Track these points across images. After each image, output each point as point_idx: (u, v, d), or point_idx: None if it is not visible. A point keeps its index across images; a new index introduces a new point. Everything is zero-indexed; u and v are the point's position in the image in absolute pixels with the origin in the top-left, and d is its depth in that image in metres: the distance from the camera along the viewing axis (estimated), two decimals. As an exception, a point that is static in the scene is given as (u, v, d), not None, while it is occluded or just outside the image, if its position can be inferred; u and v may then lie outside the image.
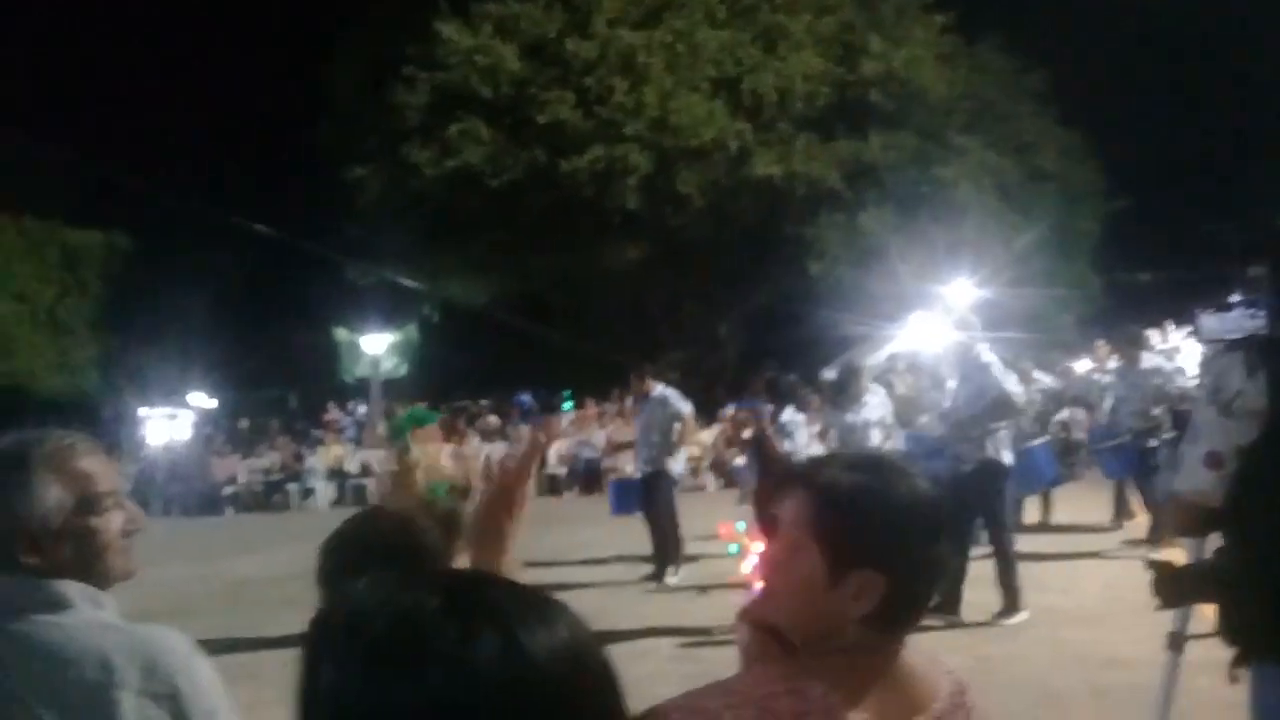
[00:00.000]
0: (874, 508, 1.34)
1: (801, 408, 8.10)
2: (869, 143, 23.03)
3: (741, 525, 8.57)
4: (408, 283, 23.94)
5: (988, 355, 7.15)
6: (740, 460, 10.82)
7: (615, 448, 18.25)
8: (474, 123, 22.75)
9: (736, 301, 25.57)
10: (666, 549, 9.22)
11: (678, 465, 9.66)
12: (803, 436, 7.87)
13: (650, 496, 9.45)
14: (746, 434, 8.49)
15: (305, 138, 25.53)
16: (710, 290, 25.03)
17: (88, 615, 1.62)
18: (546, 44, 23.17)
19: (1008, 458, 7.17)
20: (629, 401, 13.01)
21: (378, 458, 20.58)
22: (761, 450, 8.13)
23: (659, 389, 9.63)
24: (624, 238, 23.90)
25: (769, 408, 8.99)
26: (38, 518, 1.61)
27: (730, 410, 18.50)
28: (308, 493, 19.83)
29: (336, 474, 20.13)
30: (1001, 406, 6.93)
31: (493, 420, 22.20)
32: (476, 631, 0.75)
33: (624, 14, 23.22)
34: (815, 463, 1.49)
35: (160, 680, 1.57)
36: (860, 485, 1.37)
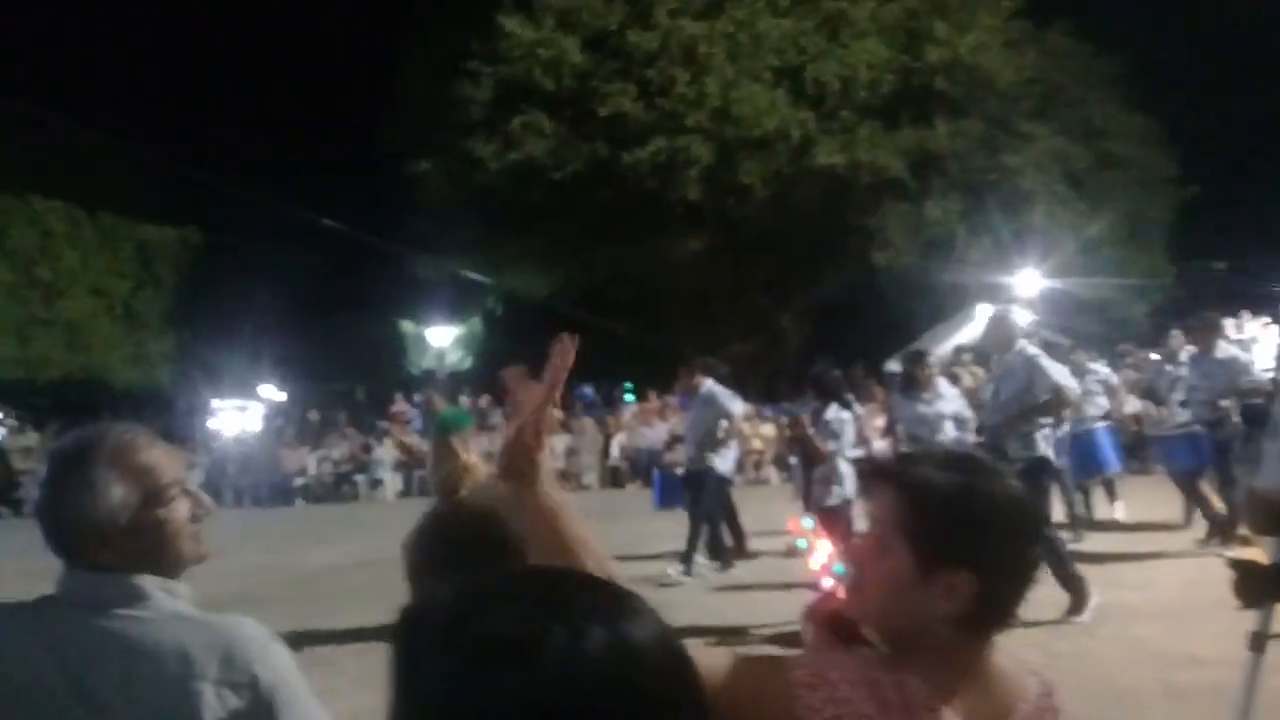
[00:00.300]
0: (965, 508, 1.33)
1: (846, 405, 7.94)
2: (934, 130, 22.71)
3: (809, 522, 8.50)
4: (472, 276, 24.16)
5: (1033, 348, 6.98)
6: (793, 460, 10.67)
7: (677, 440, 18.24)
8: (536, 116, 22.86)
9: (799, 293, 25.40)
10: (694, 546, 9.11)
11: (725, 463, 9.45)
12: (849, 433, 7.72)
13: (694, 494, 9.33)
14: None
15: (372, 134, 25.86)
16: (772, 282, 24.88)
17: (165, 607, 1.64)
18: (608, 36, 23.19)
19: (1052, 454, 7.09)
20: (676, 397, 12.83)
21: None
22: (805, 452, 8.07)
23: (707, 385, 9.48)
24: (686, 229, 23.86)
25: (813, 405, 8.93)
26: (105, 516, 1.62)
27: (769, 412, 18.43)
28: (375, 484, 20.10)
29: (403, 465, 20.38)
30: (1056, 402, 6.78)
31: (556, 413, 22.30)
32: (582, 627, 0.76)
33: (685, 4, 23.15)
34: (906, 460, 1.49)
35: (239, 670, 1.58)
36: (953, 484, 1.35)
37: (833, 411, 7.72)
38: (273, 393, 28.60)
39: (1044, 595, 6.69)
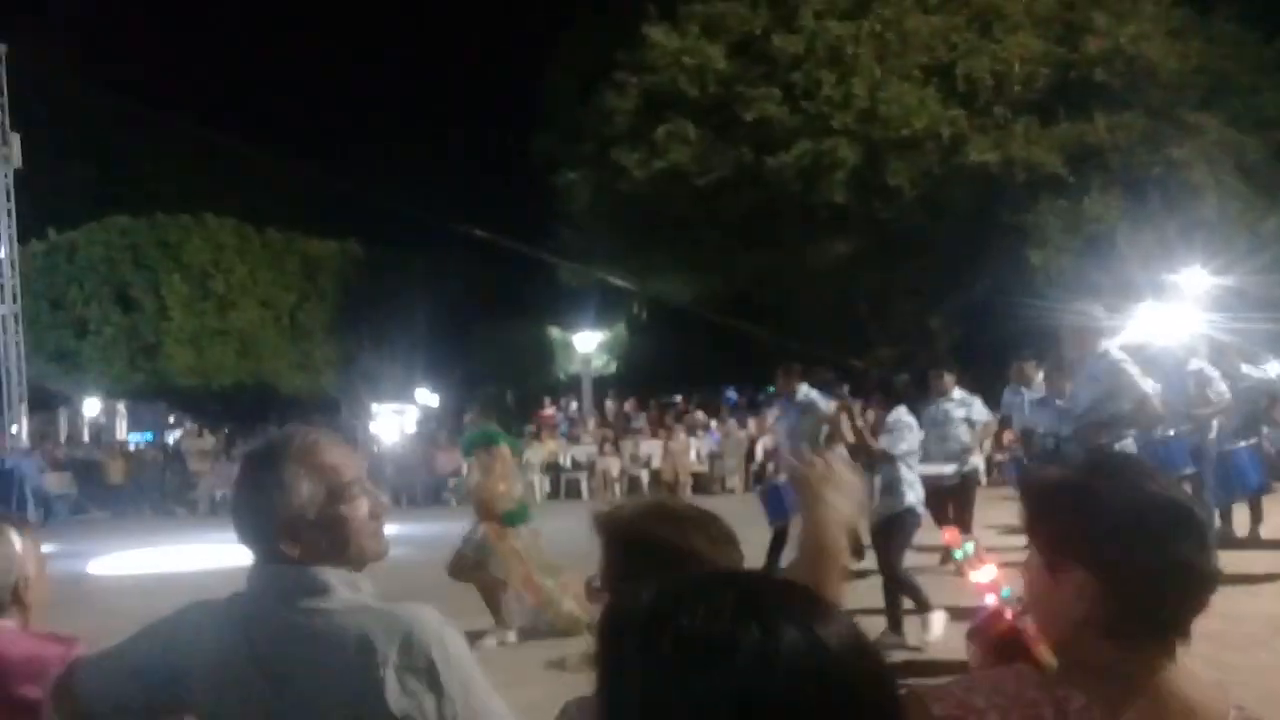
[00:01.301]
0: (1081, 505, 1.30)
1: (913, 410, 7.71)
2: (1094, 124, 21.83)
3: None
4: (617, 282, 24.47)
5: (1118, 352, 6.57)
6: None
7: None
8: (681, 123, 23.01)
9: (949, 294, 24.78)
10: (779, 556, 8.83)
11: None
12: (909, 439, 7.37)
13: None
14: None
15: (522, 146, 26.51)
16: (921, 284, 24.37)
17: (346, 598, 1.74)
18: (753, 41, 23.16)
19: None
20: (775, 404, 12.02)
21: (588, 453, 21.16)
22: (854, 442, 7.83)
23: (803, 390, 9.19)
24: (831, 233, 23.59)
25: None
26: (294, 511, 1.74)
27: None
28: (525, 486, 20.51)
29: (551, 468, 20.78)
30: (1143, 413, 6.38)
31: (699, 415, 22.39)
32: (776, 627, 0.77)
33: (831, 6, 22.93)
34: (1039, 468, 1.50)
35: (418, 654, 1.66)
36: (1069, 482, 1.34)
37: (896, 414, 7.44)
38: (427, 397, 29.56)
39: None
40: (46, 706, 1.92)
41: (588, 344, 27.49)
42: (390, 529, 1.88)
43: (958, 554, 7.67)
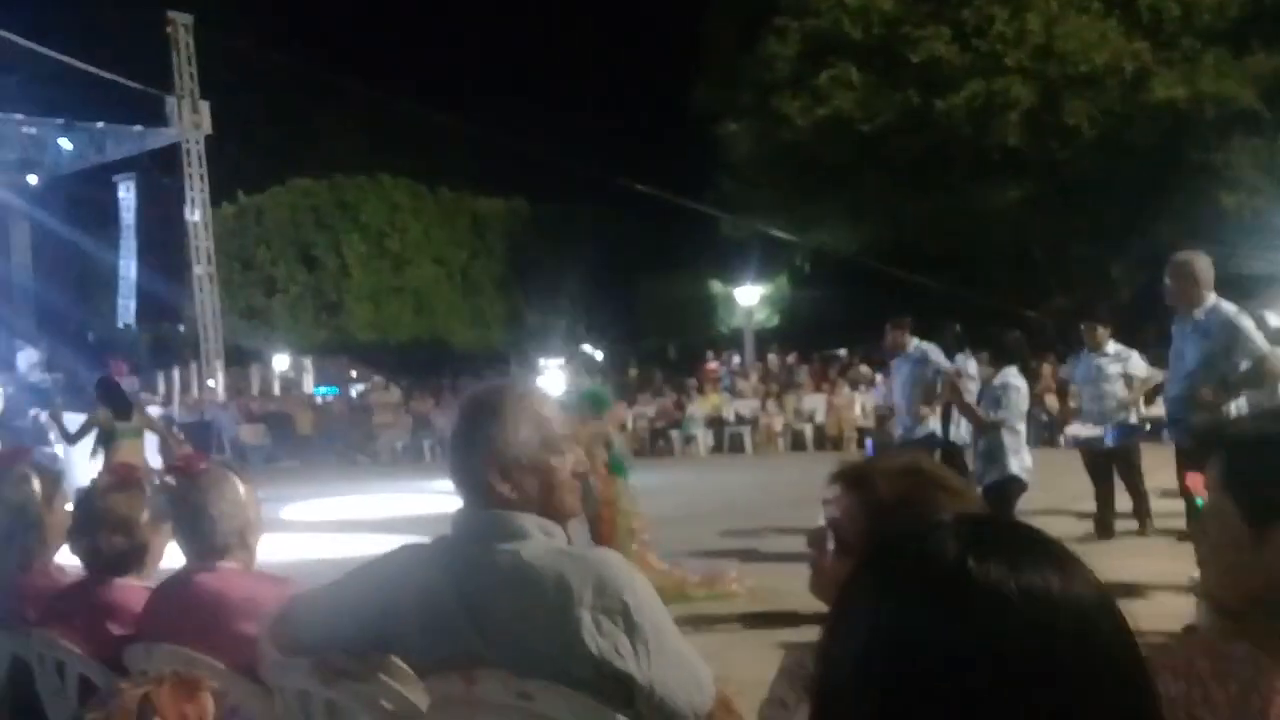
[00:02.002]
0: None
1: (1025, 370, 7.11)
2: (1293, 54, 20.31)
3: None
4: (779, 234, 24.23)
5: (1229, 305, 5.72)
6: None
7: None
8: (845, 68, 22.49)
9: (1132, 240, 23.55)
10: None
11: (959, 430, 8.25)
12: (1018, 402, 6.78)
13: None
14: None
15: (682, 98, 26.41)
16: (1101, 229, 23.24)
17: (543, 542, 1.84)
18: (920, -22, 22.40)
19: None
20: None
21: (751, 407, 21.15)
22: (962, 413, 7.30)
23: (914, 343, 8.61)
24: (1004, 177, 22.71)
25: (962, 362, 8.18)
26: (511, 451, 1.86)
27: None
28: (689, 440, 20.71)
29: (715, 422, 20.87)
30: (1258, 373, 5.56)
31: (864, 370, 22.04)
32: (1021, 570, 0.76)
33: (1003, -62, 21.93)
34: (1233, 420, 1.45)
35: (611, 596, 1.75)
36: (1269, 434, 1.30)
37: (1003, 377, 6.79)
38: (591, 351, 30.07)
39: None
40: (263, 640, 2.07)
41: (750, 297, 27.37)
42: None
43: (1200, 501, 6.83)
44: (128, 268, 27.35)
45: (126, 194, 27.04)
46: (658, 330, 31.65)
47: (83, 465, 9.13)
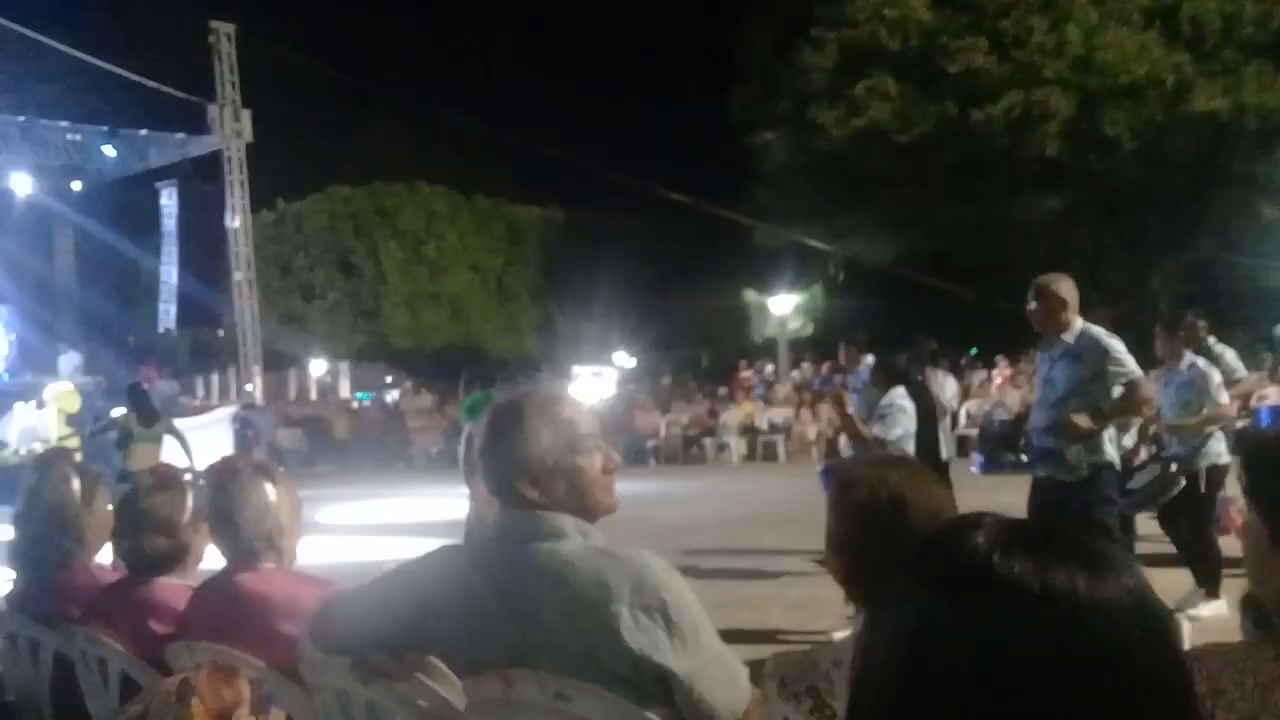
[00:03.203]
0: None
1: (913, 390, 6.88)
2: (1336, 66, 20.05)
3: None
4: (814, 243, 24.16)
5: (1098, 328, 5.37)
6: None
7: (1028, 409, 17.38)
8: (881, 78, 22.42)
9: (1171, 251, 23.31)
10: None
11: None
12: (903, 423, 6.53)
13: None
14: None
15: (718, 107, 26.44)
16: (1140, 240, 23.01)
17: (581, 543, 1.87)
18: (957, -11, 22.30)
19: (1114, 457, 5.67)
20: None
21: (784, 415, 21.09)
22: (843, 430, 7.17)
23: (867, 361, 8.37)
24: (1042, 187, 22.54)
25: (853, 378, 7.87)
26: (535, 456, 1.90)
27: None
28: (721, 447, 20.67)
29: (748, 430, 20.82)
30: (1133, 398, 5.28)
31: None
32: (1048, 567, 0.75)
33: (1042, -53, 21.80)
34: (1258, 432, 1.45)
35: (649, 594, 1.78)
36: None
37: (891, 398, 6.55)
38: (625, 359, 30.08)
39: None
40: (304, 639, 2.09)
41: (784, 306, 27.28)
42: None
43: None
44: (169, 273, 27.72)
45: (168, 200, 27.43)
46: (691, 339, 31.62)
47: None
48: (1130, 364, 5.15)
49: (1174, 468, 6.36)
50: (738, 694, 1.81)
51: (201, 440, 15.72)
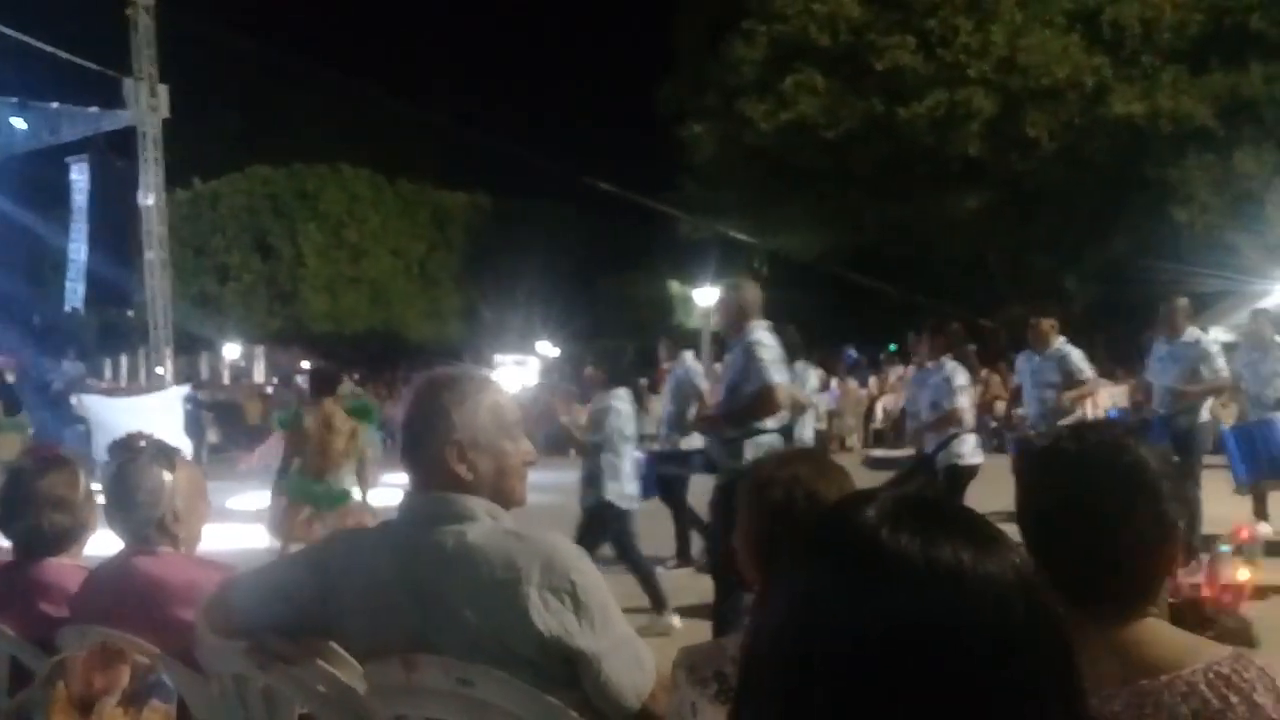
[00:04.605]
0: None
1: (636, 392, 7.02)
2: (1248, 74, 20.65)
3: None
4: (738, 236, 24.30)
5: (763, 333, 5.48)
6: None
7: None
8: (810, 73, 22.59)
9: (1087, 252, 23.91)
10: None
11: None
12: (622, 426, 6.51)
13: None
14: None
15: (647, 98, 26.44)
16: (1057, 240, 23.56)
17: (489, 524, 1.84)
18: (887, -13, 22.56)
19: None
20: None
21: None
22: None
23: (683, 357, 8.72)
24: (964, 186, 22.95)
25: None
26: (469, 433, 1.87)
27: None
28: (650, 439, 20.70)
29: (671, 421, 20.86)
30: (761, 401, 5.30)
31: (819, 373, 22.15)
32: (935, 544, 0.75)
33: (969, -51, 22.13)
34: None
35: (559, 576, 1.76)
36: None
37: (606, 399, 6.53)
38: (548, 349, 29.98)
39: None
40: (199, 624, 2.03)
41: (708, 298, 27.40)
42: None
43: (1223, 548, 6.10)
44: (78, 251, 26.80)
45: (79, 176, 26.51)
46: (616, 329, 31.63)
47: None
48: (768, 372, 5.20)
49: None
50: (644, 677, 1.81)
51: (153, 421, 15.48)
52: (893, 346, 23.25)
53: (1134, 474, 1.40)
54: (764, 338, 5.37)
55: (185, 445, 13.97)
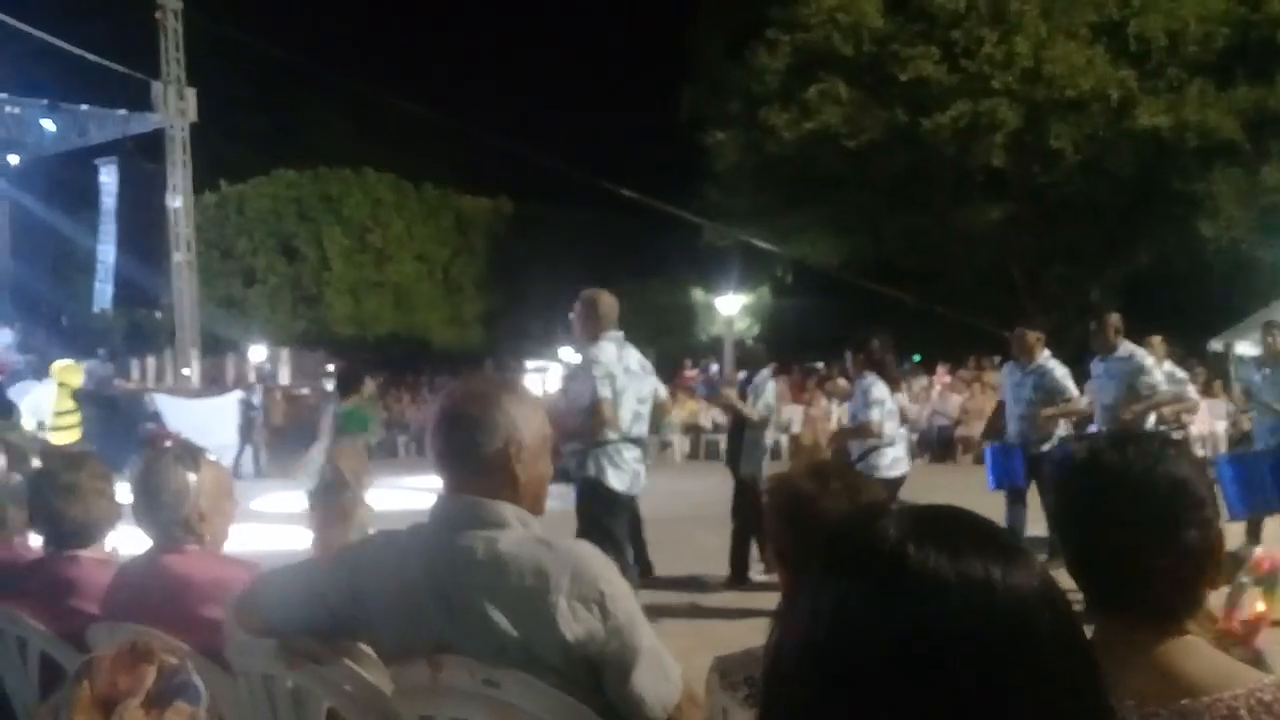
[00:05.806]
0: None
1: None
2: (1274, 88, 20.49)
3: None
4: (762, 244, 24.28)
5: (609, 341, 5.71)
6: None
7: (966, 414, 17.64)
8: (833, 83, 22.55)
9: (1111, 265, 23.76)
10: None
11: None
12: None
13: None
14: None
15: (670, 105, 26.47)
16: (1081, 252, 23.41)
17: (520, 531, 1.86)
18: (911, -2, 22.52)
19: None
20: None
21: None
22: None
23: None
24: (987, 197, 22.86)
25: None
26: (528, 434, 1.90)
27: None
28: (664, 445, 20.70)
29: (691, 429, 20.87)
30: (594, 415, 5.60)
31: (841, 383, 22.08)
32: (959, 556, 0.76)
33: (995, -40, 22.06)
34: None
35: (587, 585, 1.77)
36: None
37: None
38: (570, 355, 29.98)
39: None
40: (229, 622, 2.05)
41: (730, 306, 27.41)
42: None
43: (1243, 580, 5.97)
44: (106, 252, 27.14)
45: (108, 178, 26.85)
46: (637, 336, 31.46)
47: None
48: (600, 387, 5.52)
49: None
50: (670, 689, 1.81)
51: (211, 421, 15.93)
52: (917, 357, 23.15)
53: (1176, 485, 1.40)
54: (601, 353, 5.58)
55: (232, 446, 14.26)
